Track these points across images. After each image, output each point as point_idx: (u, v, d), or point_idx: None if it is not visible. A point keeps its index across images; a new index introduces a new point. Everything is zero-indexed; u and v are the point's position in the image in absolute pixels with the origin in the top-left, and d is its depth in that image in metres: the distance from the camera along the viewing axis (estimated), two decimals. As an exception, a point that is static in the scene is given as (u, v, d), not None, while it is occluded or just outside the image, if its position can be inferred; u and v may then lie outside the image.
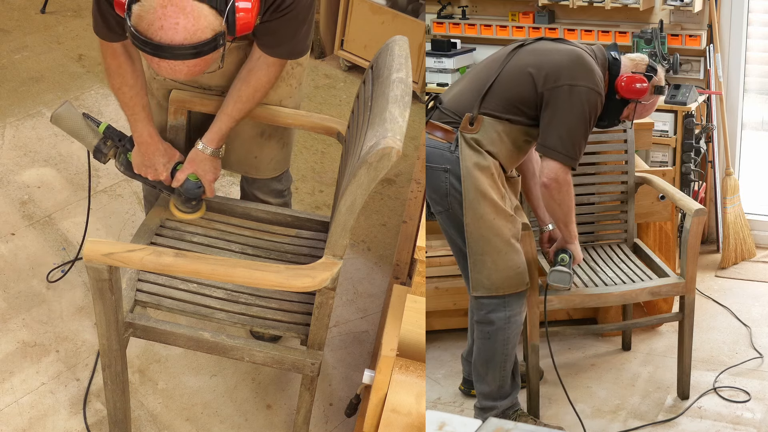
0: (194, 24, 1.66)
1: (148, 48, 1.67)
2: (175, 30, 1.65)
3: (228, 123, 2.11)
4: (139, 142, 2.13)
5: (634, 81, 2.19)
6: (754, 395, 2.52)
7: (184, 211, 2.25)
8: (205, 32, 1.68)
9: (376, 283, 2.93)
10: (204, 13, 1.67)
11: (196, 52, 1.69)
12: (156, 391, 2.45)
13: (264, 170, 2.35)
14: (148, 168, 2.16)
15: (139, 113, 2.09)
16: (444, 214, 2.22)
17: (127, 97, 2.07)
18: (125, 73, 2.04)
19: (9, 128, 3.46)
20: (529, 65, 2.16)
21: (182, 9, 1.65)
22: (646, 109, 2.27)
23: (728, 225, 3.32)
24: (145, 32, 1.66)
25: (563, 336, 2.80)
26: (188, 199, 2.21)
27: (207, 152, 2.14)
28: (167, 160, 2.16)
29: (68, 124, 2.18)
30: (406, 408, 1.66)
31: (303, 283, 1.78)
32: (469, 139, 2.16)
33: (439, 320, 2.83)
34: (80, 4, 4.47)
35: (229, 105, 2.09)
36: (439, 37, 3.70)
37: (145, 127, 2.11)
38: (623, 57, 2.25)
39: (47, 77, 3.81)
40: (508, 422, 1.07)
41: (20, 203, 3.08)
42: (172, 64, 1.70)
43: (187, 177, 2.16)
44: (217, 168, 2.18)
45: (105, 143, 2.19)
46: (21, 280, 2.75)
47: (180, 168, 2.17)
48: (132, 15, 1.68)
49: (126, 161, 2.21)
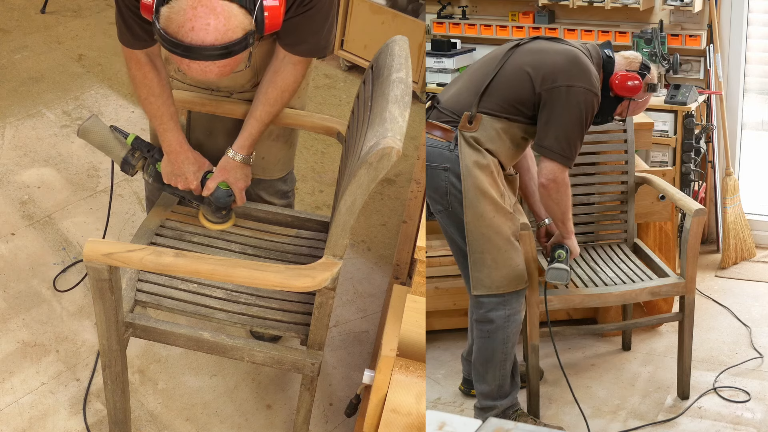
0: (225, 24, 1.65)
1: (179, 50, 1.66)
2: (206, 31, 1.63)
3: (258, 127, 2.09)
4: (169, 151, 2.10)
5: (627, 79, 2.22)
6: (754, 395, 2.52)
7: (213, 222, 2.21)
8: (235, 32, 1.67)
9: (376, 283, 2.93)
10: (234, 12, 1.66)
11: (228, 52, 1.67)
12: (156, 391, 2.45)
13: (271, 171, 2.35)
14: (178, 177, 2.13)
15: (167, 122, 2.07)
16: (444, 213, 2.23)
17: (155, 107, 2.05)
18: (151, 84, 2.02)
19: (9, 128, 3.46)
20: (527, 65, 2.18)
21: (213, 9, 1.63)
22: (639, 106, 2.31)
23: (728, 225, 3.32)
24: (175, 34, 1.65)
25: (563, 336, 2.80)
26: (218, 208, 2.16)
27: (237, 159, 2.11)
28: (197, 168, 2.13)
29: (96, 137, 2.15)
30: (406, 408, 1.66)
31: (303, 283, 1.78)
32: (468, 137, 2.17)
33: (439, 320, 2.83)
34: (80, 4, 4.47)
35: (258, 109, 2.07)
36: (439, 37, 3.70)
37: (174, 136, 2.08)
38: (617, 55, 2.28)
39: (47, 77, 3.81)
40: (508, 422, 1.07)
41: (20, 203, 3.08)
42: (202, 65, 1.68)
43: (218, 185, 2.13)
44: (248, 175, 2.15)
45: (133, 155, 2.16)
46: (21, 280, 2.75)
47: (210, 176, 2.13)
48: (161, 17, 1.66)
49: (155, 172, 2.17)
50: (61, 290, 2.71)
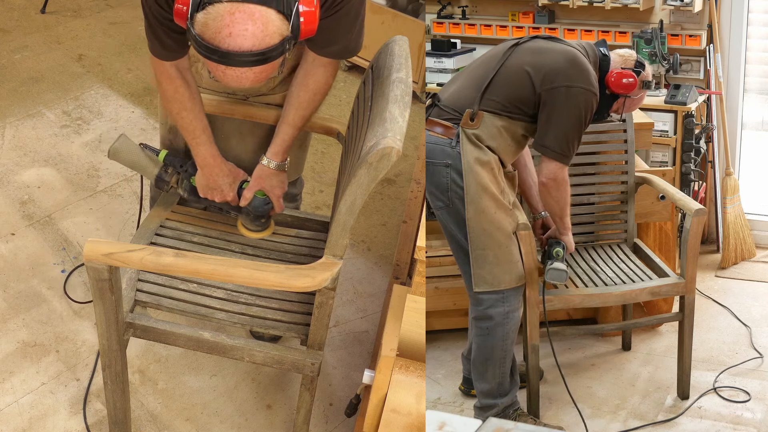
0: (263, 30, 1.62)
1: (216, 56, 1.63)
2: (244, 37, 1.61)
3: (291, 133, 2.07)
4: (203, 165, 2.08)
5: (623, 76, 2.26)
6: (754, 395, 2.52)
7: (253, 230, 2.19)
8: (273, 38, 1.64)
9: (376, 283, 2.93)
10: (271, 18, 1.63)
11: (265, 58, 1.64)
12: (156, 391, 2.45)
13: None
14: (214, 190, 2.11)
15: (200, 136, 2.05)
16: (444, 209, 2.24)
17: (187, 121, 2.03)
18: (183, 98, 2.00)
19: (9, 128, 3.46)
20: (527, 65, 2.20)
21: (251, 15, 1.61)
22: (635, 103, 2.36)
23: (728, 225, 3.32)
24: (211, 40, 1.62)
25: (563, 336, 2.80)
26: (257, 216, 2.15)
27: (272, 166, 2.09)
28: (232, 180, 2.11)
29: (127, 157, 2.14)
30: (406, 408, 1.66)
31: (303, 283, 1.78)
32: (470, 134, 2.18)
33: (439, 320, 2.83)
34: (80, 4, 4.47)
35: (290, 113, 2.05)
36: (439, 37, 3.70)
37: (207, 150, 2.07)
38: (612, 53, 2.32)
39: (47, 77, 3.81)
40: (508, 422, 1.07)
41: (20, 203, 3.08)
42: (239, 71, 1.65)
43: (255, 194, 2.11)
44: (283, 182, 2.13)
45: (166, 171, 2.15)
46: (21, 280, 2.75)
47: (246, 186, 2.11)
48: (196, 23, 1.64)
49: (190, 186, 2.16)
50: (76, 300, 2.70)
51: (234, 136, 2.25)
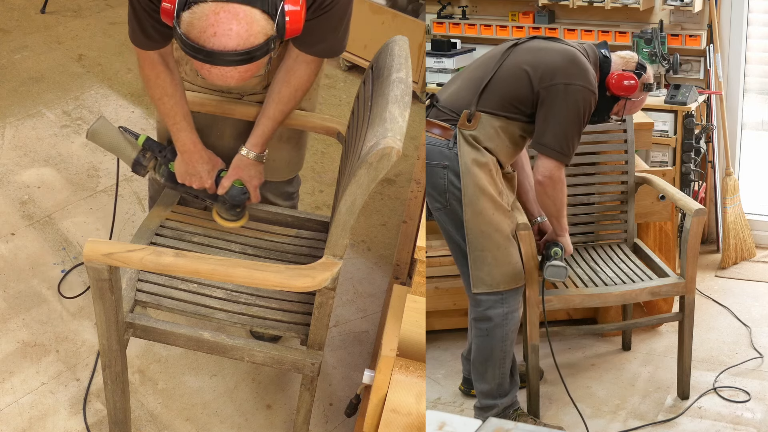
0: (247, 29, 1.64)
1: (201, 55, 1.65)
2: (228, 36, 1.62)
3: (270, 126, 2.09)
4: (182, 150, 2.10)
5: (624, 78, 2.24)
6: (754, 395, 2.52)
7: (228, 219, 2.21)
8: (257, 37, 1.65)
9: (376, 283, 2.93)
10: (256, 17, 1.64)
11: (249, 58, 1.66)
12: (156, 391, 2.45)
13: (279, 172, 2.34)
14: (192, 177, 2.13)
15: (181, 122, 2.07)
16: (442, 210, 2.23)
17: (167, 107, 2.05)
18: (164, 84, 2.02)
19: (9, 128, 3.46)
20: (525, 64, 2.20)
21: (235, 15, 1.62)
22: (636, 105, 2.33)
23: (728, 225, 3.32)
24: (196, 39, 1.64)
25: (563, 336, 2.80)
26: (233, 206, 2.17)
27: (251, 157, 2.11)
28: (211, 167, 2.13)
29: (105, 139, 2.14)
30: (406, 408, 1.66)
31: (303, 283, 1.78)
32: (467, 135, 2.18)
33: (439, 320, 2.83)
34: (80, 4, 4.47)
35: (271, 107, 2.07)
36: (439, 37, 3.70)
37: (187, 136, 2.08)
38: (613, 55, 2.30)
39: (47, 77, 3.81)
40: (508, 422, 1.07)
41: (20, 203, 3.08)
42: (223, 70, 1.67)
43: (232, 183, 2.13)
44: (261, 173, 2.16)
45: (144, 156, 2.16)
46: (21, 280, 2.75)
47: (224, 175, 2.14)
48: (182, 22, 1.65)
49: (167, 172, 2.17)
50: (67, 296, 2.71)
51: (227, 134, 2.26)
